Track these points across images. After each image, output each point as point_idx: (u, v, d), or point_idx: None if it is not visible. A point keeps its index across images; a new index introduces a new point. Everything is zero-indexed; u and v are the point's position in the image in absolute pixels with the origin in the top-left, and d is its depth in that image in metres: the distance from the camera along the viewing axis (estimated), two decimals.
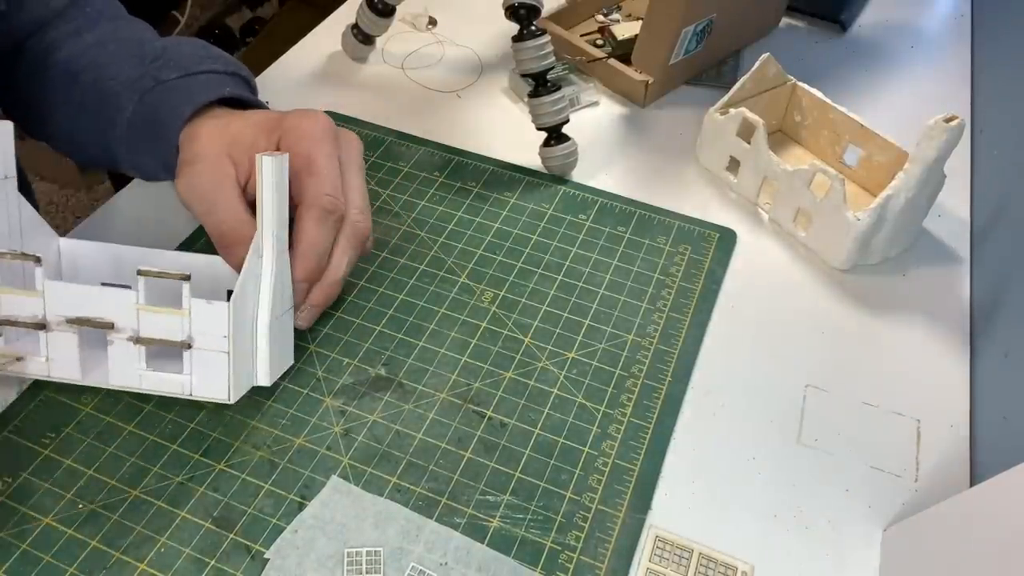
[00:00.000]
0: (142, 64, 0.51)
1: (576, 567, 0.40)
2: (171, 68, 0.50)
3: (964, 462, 0.45)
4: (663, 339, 0.50)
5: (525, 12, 0.56)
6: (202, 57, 0.51)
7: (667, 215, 0.58)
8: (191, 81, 0.50)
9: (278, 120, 0.48)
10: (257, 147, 0.47)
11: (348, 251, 0.47)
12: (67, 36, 0.52)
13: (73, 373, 0.43)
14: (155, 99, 0.49)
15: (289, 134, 0.46)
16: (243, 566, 0.40)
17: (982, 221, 0.58)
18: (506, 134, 0.65)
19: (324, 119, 0.48)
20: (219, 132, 0.47)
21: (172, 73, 0.50)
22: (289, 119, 0.47)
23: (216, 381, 0.42)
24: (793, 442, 0.46)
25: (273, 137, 0.47)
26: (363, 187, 0.49)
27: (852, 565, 0.41)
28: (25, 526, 0.41)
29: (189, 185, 0.46)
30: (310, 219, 0.45)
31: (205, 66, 0.51)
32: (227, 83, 0.51)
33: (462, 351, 0.49)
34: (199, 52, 0.52)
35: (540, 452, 0.45)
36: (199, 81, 0.50)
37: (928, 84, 0.71)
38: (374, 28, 0.69)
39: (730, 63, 0.73)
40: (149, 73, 0.50)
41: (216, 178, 0.46)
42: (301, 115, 0.47)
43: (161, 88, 0.49)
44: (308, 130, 0.46)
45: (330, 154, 0.47)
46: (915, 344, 0.51)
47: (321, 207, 0.45)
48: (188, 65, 0.50)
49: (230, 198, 0.46)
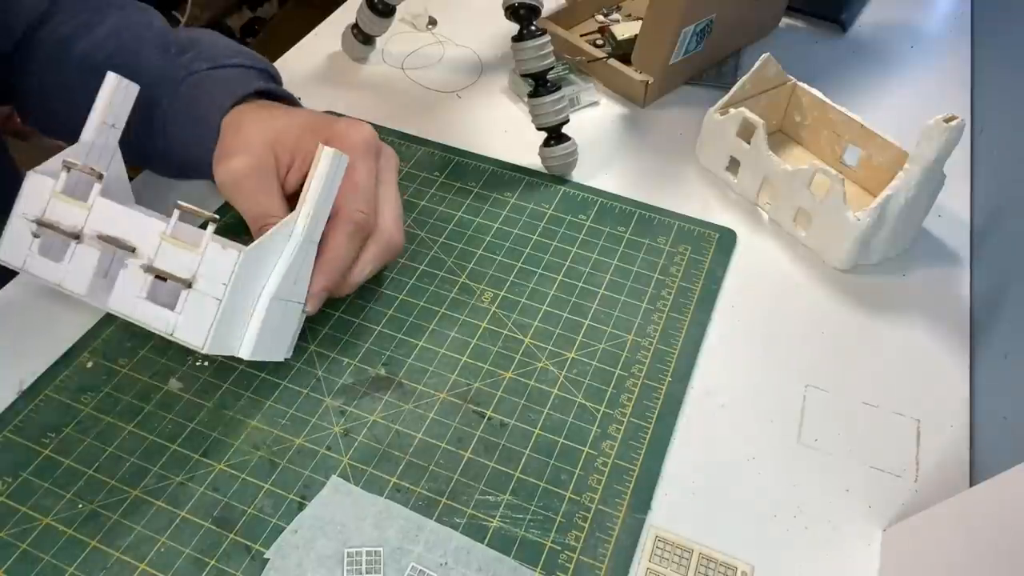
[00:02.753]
0: (169, 55, 0.51)
1: (576, 567, 0.40)
2: (202, 59, 0.51)
3: (964, 462, 0.45)
4: (663, 339, 0.50)
5: (525, 12, 0.56)
6: (230, 52, 0.52)
7: (667, 215, 0.58)
8: (222, 73, 0.50)
9: (327, 124, 0.48)
10: (301, 145, 0.47)
11: (374, 261, 0.48)
12: (80, 30, 0.53)
13: (80, 288, 0.43)
14: (191, 90, 0.50)
15: (334, 141, 0.46)
16: (243, 566, 0.40)
17: (982, 221, 0.58)
18: (506, 134, 0.65)
19: (370, 133, 0.48)
20: (264, 125, 0.48)
21: (203, 64, 0.50)
22: (338, 126, 0.48)
23: (199, 326, 0.41)
24: (793, 442, 0.46)
25: (318, 139, 0.47)
26: (399, 203, 0.50)
27: (852, 565, 0.41)
28: (25, 526, 0.41)
29: (231, 174, 0.46)
30: (341, 232, 0.45)
31: (235, 60, 0.52)
32: (257, 77, 0.52)
33: (462, 351, 0.49)
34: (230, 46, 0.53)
35: (540, 452, 0.45)
36: (232, 73, 0.51)
37: (928, 84, 0.71)
38: (374, 28, 0.69)
39: (730, 63, 0.73)
40: (180, 65, 0.50)
41: (260, 169, 0.46)
42: (349, 124, 0.48)
43: (195, 79, 0.50)
44: (355, 141, 0.47)
45: (371, 169, 0.47)
46: (915, 344, 0.51)
47: (353, 221, 0.46)
48: (218, 57, 0.51)
49: (270, 190, 0.46)
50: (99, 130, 0.45)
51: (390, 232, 0.48)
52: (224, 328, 0.42)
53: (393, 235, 0.48)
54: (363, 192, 0.46)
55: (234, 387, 0.47)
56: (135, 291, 0.42)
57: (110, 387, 0.47)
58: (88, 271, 0.43)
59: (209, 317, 0.41)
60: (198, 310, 0.41)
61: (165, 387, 0.47)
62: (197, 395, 0.46)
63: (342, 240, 0.46)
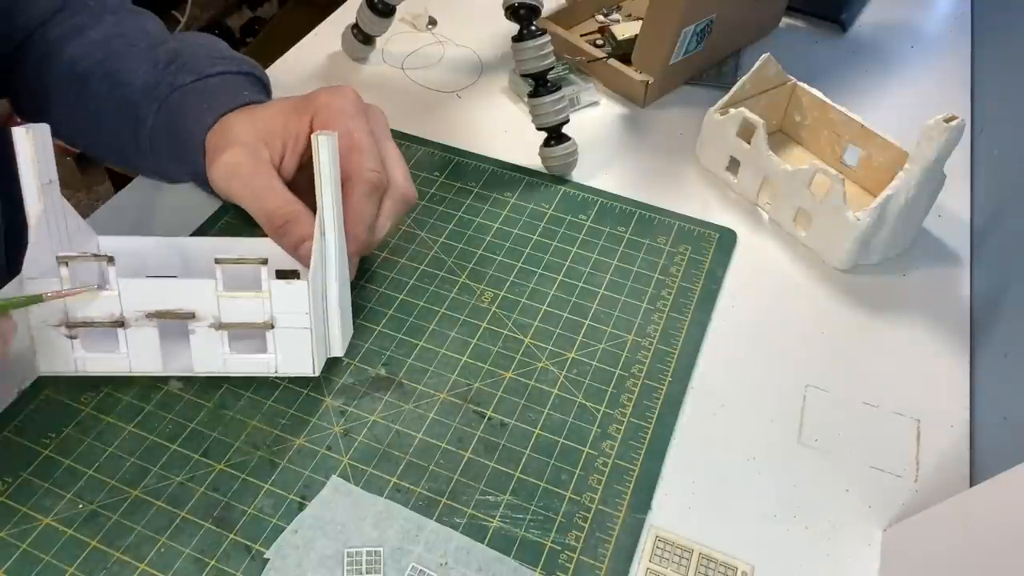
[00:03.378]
0: (155, 68, 0.50)
1: (576, 567, 0.40)
2: (186, 72, 0.50)
3: (964, 462, 0.45)
4: (663, 339, 0.50)
5: (525, 12, 0.56)
6: (215, 59, 0.51)
7: (667, 215, 0.58)
8: (207, 85, 0.50)
9: (306, 100, 0.48)
10: (290, 129, 0.47)
11: (392, 216, 0.48)
12: (71, 32, 0.52)
13: (155, 365, 0.45)
14: (173, 107, 0.49)
15: (322, 112, 0.46)
16: (243, 566, 0.40)
17: (982, 221, 0.58)
18: (506, 134, 0.65)
19: (353, 93, 0.48)
20: (250, 121, 0.48)
21: (187, 77, 0.50)
22: (319, 97, 0.47)
23: (300, 357, 0.44)
24: (793, 442, 0.46)
25: (305, 117, 0.47)
26: (400, 155, 0.50)
27: (852, 565, 0.41)
28: (25, 526, 0.41)
29: (226, 173, 0.46)
30: (360, 194, 0.45)
31: (219, 67, 0.51)
32: (243, 85, 0.51)
33: (462, 351, 0.49)
34: (212, 53, 0.52)
35: (540, 452, 0.45)
36: (215, 84, 0.50)
37: (928, 84, 0.71)
38: (374, 28, 0.69)
39: (730, 63, 0.73)
40: (165, 80, 0.50)
41: (255, 164, 0.46)
42: (331, 92, 0.48)
43: (178, 94, 0.49)
44: (341, 106, 0.47)
45: (366, 128, 0.47)
46: (915, 344, 0.51)
47: (368, 181, 0.45)
48: (202, 67, 0.50)
49: (272, 182, 0.46)
50: (41, 194, 0.42)
51: (403, 187, 0.48)
52: (318, 345, 0.44)
53: (407, 189, 0.49)
54: (367, 151, 0.46)
55: (234, 387, 0.47)
56: (217, 350, 0.44)
57: (110, 387, 0.47)
58: (153, 349, 0.44)
59: (307, 346, 0.44)
60: (292, 344, 0.44)
61: (165, 387, 0.47)
62: (197, 395, 0.46)
63: (362, 201, 0.45)
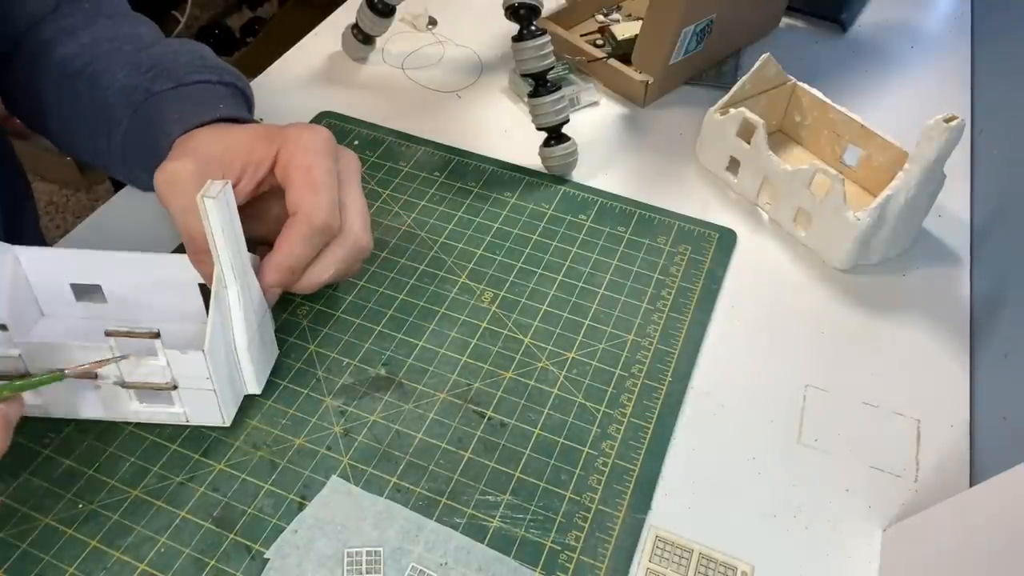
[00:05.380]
0: (135, 73, 0.50)
1: (576, 567, 0.40)
2: (164, 78, 0.49)
3: (964, 462, 0.45)
4: (663, 339, 0.50)
5: (525, 12, 0.56)
6: (197, 67, 0.50)
7: (667, 215, 0.58)
8: (183, 93, 0.49)
9: (279, 130, 0.47)
10: (253, 155, 0.46)
11: (339, 263, 0.46)
12: (62, 33, 0.52)
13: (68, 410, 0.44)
14: (147, 113, 0.49)
15: (289, 144, 0.45)
16: (243, 566, 0.40)
17: (982, 221, 0.58)
18: (506, 134, 0.65)
19: (325, 134, 0.47)
20: (216, 138, 0.46)
21: (165, 84, 0.49)
22: (291, 130, 0.46)
23: (208, 411, 0.44)
24: (793, 442, 0.46)
25: (272, 147, 0.46)
26: (363, 204, 0.48)
27: (852, 565, 0.41)
28: (25, 526, 0.41)
29: (167, 179, 0.44)
30: (296, 234, 0.44)
31: (199, 76, 0.50)
32: (221, 94, 0.50)
33: (462, 351, 0.49)
34: (195, 61, 0.51)
35: (540, 452, 0.45)
36: (192, 93, 0.49)
37: (928, 84, 0.71)
38: (374, 28, 0.69)
39: (730, 63, 0.73)
40: (142, 85, 0.49)
41: (198, 179, 0.42)
42: (303, 128, 0.47)
43: (153, 100, 0.48)
44: (309, 143, 0.45)
45: (330, 170, 0.46)
46: (915, 344, 0.51)
47: (311, 224, 0.44)
48: (181, 75, 0.49)
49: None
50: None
51: (356, 235, 0.47)
52: (227, 396, 0.44)
53: (360, 237, 0.47)
54: (322, 191, 0.44)
55: None
56: (126, 404, 0.44)
57: None
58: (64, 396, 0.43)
59: (212, 402, 0.43)
60: (198, 400, 0.43)
61: None
62: None
63: (295, 240, 0.44)
